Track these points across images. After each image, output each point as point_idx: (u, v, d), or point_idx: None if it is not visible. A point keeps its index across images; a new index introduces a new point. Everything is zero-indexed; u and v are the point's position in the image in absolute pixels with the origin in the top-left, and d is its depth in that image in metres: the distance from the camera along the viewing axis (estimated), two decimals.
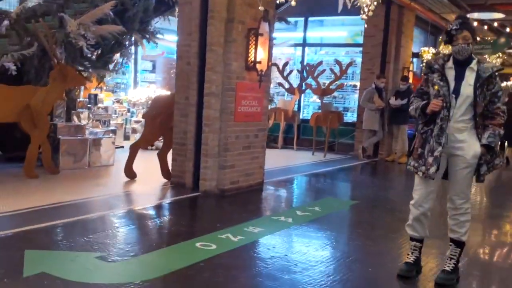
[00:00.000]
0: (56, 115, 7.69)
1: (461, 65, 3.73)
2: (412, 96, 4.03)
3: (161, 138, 7.68)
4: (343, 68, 10.85)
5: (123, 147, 9.47)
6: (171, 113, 6.80)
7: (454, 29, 3.71)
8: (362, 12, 6.75)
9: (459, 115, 3.69)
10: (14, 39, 7.24)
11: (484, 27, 12.35)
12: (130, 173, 7.03)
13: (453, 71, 3.74)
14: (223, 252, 4.22)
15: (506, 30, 12.56)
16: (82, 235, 4.48)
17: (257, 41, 6.48)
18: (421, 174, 3.77)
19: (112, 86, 13.97)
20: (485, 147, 3.68)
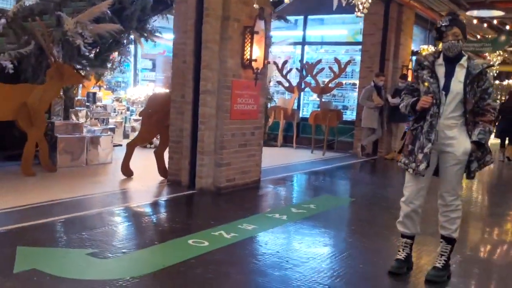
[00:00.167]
0: (54, 114, 7.73)
1: (451, 62, 3.72)
2: (403, 93, 4.03)
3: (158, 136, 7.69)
4: (342, 67, 10.84)
5: (121, 145, 9.48)
6: (168, 111, 6.82)
7: (444, 25, 3.70)
8: (356, 10, 6.75)
9: (449, 112, 3.68)
10: (11, 37, 7.26)
11: (484, 25, 12.32)
12: (127, 171, 7.05)
13: (443, 68, 3.74)
14: (215, 248, 4.23)
15: (506, 28, 12.52)
16: (76, 232, 4.50)
17: (252, 39, 6.49)
18: (411, 171, 3.77)
19: (113, 84, 14.02)
20: (475, 143, 3.68)
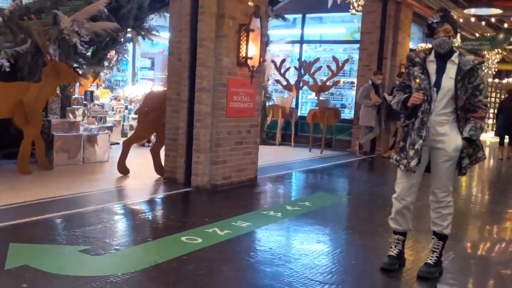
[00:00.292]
0: (51, 112, 7.74)
1: (442, 58, 3.72)
2: (394, 90, 4.03)
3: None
4: (340, 65, 10.84)
5: (118, 143, 9.49)
6: (164, 109, 6.83)
7: (435, 22, 3.70)
8: (351, 7, 6.74)
9: (440, 108, 3.68)
10: (8, 36, 7.27)
11: (482, 23, 12.30)
12: (123, 169, 7.06)
13: (434, 65, 3.74)
14: (208, 245, 4.23)
15: (504, 26, 12.50)
16: (69, 229, 4.51)
17: (248, 37, 6.49)
18: (402, 167, 3.77)
19: (112, 83, 14.04)
20: (467, 140, 3.68)
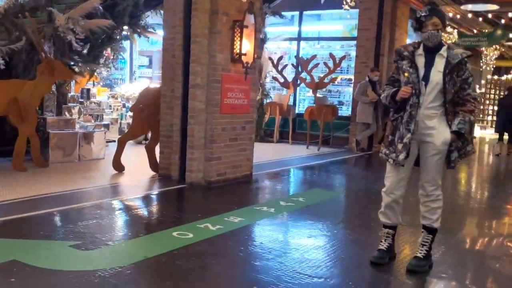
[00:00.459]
0: (47, 110, 7.76)
1: (431, 52, 3.72)
2: (384, 84, 4.03)
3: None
4: (337, 62, 10.83)
5: (114, 141, 9.49)
6: (159, 106, 6.83)
7: (423, 15, 3.70)
8: (344, 3, 6.74)
9: (428, 102, 3.69)
10: (3, 34, 7.28)
11: (479, 19, 12.29)
12: (118, 166, 7.07)
13: (423, 58, 3.74)
14: (199, 240, 4.24)
15: (502, 22, 12.49)
16: (62, 225, 4.53)
17: (242, 33, 6.49)
18: (391, 161, 3.77)
19: (111, 81, 14.05)
20: (455, 133, 3.68)
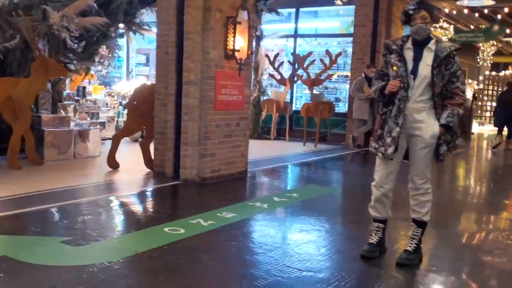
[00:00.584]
0: (42, 107, 7.76)
1: (419, 45, 3.73)
2: (374, 78, 4.04)
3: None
4: (333, 59, 10.83)
5: (110, 138, 9.50)
6: (153, 103, 6.84)
7: (411, 9, 3.72)
8: None
9: (417, 96, 3.69)
10: None
11: (475, 15, 12.28)
12: (113, 163, 7.08)
13: (411, 52, 3.74)
14: (190, 236, 4.25)
15: (498, 17, 12.48)
16: (54, 221, 4.55)
17: (235, 30, 6.49)
18: (380, 155, 3.78)
19: (109, 79, 14.06)
20: (444, 126, 3.69)
